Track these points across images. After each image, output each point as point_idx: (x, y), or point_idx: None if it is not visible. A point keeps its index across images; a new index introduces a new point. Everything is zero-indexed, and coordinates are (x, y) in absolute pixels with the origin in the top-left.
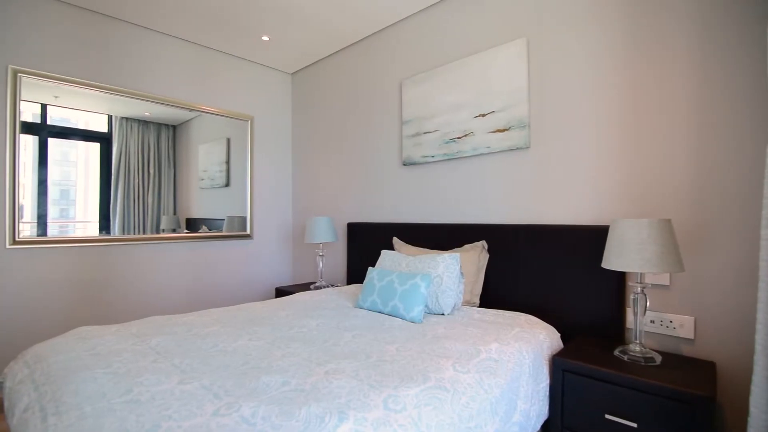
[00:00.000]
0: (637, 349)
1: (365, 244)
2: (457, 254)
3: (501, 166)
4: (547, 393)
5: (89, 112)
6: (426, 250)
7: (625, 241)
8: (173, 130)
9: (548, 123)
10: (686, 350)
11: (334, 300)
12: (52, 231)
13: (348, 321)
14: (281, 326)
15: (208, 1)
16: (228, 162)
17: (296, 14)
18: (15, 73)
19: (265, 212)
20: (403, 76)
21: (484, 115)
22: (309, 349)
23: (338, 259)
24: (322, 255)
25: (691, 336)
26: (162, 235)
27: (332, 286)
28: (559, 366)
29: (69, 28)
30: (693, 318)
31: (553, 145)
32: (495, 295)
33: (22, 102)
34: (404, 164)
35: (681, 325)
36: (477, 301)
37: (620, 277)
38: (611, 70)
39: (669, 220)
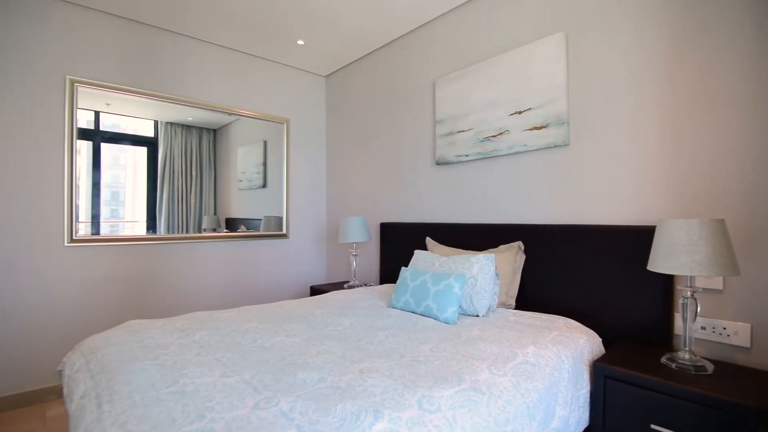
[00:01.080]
0: (687, 356)
1: (398, 244)
2: (492, 255)
3: (538, 165)
4: (588, 400)
5: (137, 118)
6: (460, 250)
7: (674, 242)
8: (214, 134)
9: (588, 119)
10: (741, 359)
11: (368, 299)
12: (104, 230)
13: (381, 320)
14: (316, 324)
15: (247, 9)
16: (265, 164)
17: (330, 18)
18: (72, 83)
19: (300, 212)
20: (437, 74)
21: (520, 113)
22: (343, 348)
23: (371, 258)
24: (356, 254)
25: (746, 344)
26: (203, 234)
27: (365, 285)
28: (600, 372)
29: (119, 39)
30: (749, 325)
31: (594, 142)
32: (531, 297)
33: (78, 110)
34: (437, 164)
35: (735, 333)
36: (512, 303)
37: (668, 281)
38: (655, 63)
39: (722, 220)
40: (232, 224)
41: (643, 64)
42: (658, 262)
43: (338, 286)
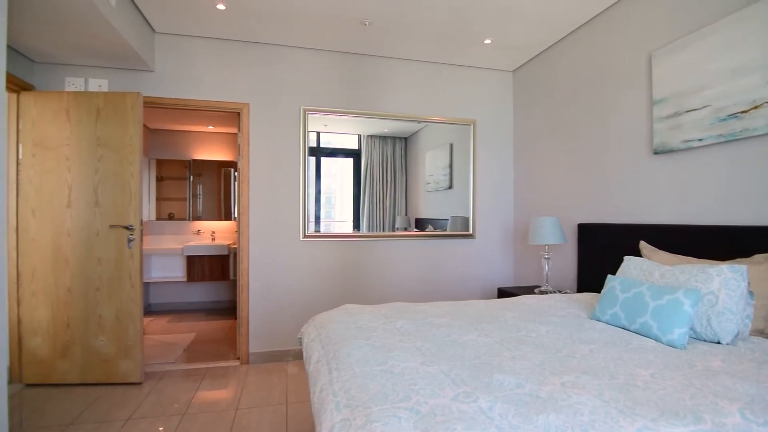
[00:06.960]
0: None
1: (600, 247)
2: (743, 266)
3: None
4: None
5: (346, 134)
6: (689, 258)
7: None
8: (405, 142)
9: None
10: None
11: (564, 308)
12: (323, 228)
13: (583, 333)
14: (509, 327)
15: (437, 20)
16: (451, 166)
17: (518, 11)
18: (304, 111)
19: (486, 213)
20: (652, 47)
21: None
22: (541, 356)
23: (567, 263)
24: (548, 258)
25: None
26: (397, 233)
27: (559, 292)
28: None
29: (334, 69)
30: None
31: None
32: None
33: (308, 132)
34: (655, 152)
35: None
36: None
37: None
38: None
39: None
40: (420, 224)
41: None
42: None
43: (528, 290)
